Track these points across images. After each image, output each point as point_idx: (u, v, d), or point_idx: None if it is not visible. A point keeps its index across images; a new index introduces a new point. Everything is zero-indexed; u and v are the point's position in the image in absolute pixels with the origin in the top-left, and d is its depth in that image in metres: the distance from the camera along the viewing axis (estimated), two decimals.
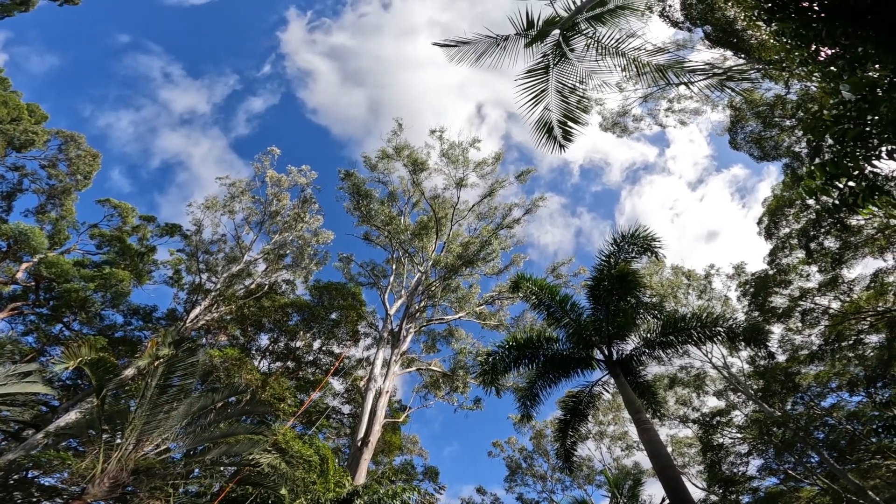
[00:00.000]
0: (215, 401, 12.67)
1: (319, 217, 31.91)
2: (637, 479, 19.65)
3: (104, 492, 10.24)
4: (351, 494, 14.07)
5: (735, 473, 24.45)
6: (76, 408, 18.49)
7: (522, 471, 36.32)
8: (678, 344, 12.14)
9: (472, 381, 27.85)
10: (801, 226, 19.77)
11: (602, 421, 34.94)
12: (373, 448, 19.71)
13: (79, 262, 25.85)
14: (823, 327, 21.26)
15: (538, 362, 12.36)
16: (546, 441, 35.56)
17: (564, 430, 13.08)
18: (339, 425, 29.14)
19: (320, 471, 14.52)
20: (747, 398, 25.40)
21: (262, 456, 12.76)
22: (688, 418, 29.34)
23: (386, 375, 22.84)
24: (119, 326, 27.33)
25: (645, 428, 10.03)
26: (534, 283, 12.63)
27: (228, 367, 20.19)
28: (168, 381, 11.40)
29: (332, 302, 27.59)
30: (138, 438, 10.84)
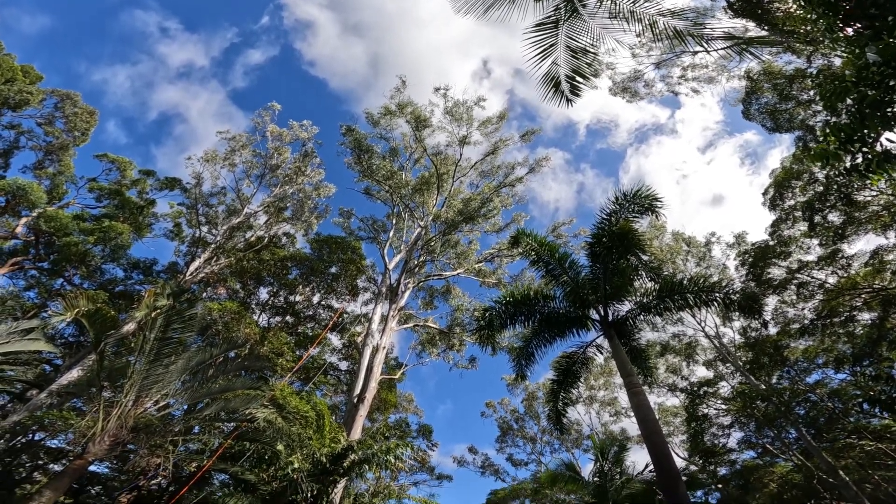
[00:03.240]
0: (214, 355, 12.70)
1: (321, 171, 31.90)
2: (622, 445, 20.03)
3: (104, 450, 10.36)
4: (345, 449, 14.38)
5: (716, 445, 25.26)
6: (78, 365, 18.73)
7: (513, 432, 37.33)
8: (674, 308, 12.12)
9: (468, 340, 28.37)
10: (807, 199, 19.64)
11: (593, 385, 35.81)
12: (368, 405, 20.10)
13: (78, 216, 25.82)
14: (817, 301, 21.41)
15: (534, 320, 12.36)
16: (537, 403, 36.52)
17: (557, 392, 13.22)
18: (337, 382, 29.76)
19: (316, 426, 14.81)
20: (735, 369, 25.90)
21: (259, 411, 13.02)
22: (676, 387, 30.02)
23: (383, 331, 23.11)
24: (119, 280, 27.59)
25: (635, 392, 10.15)
26: (534, 239, 12.55)
27: (227, 320, 20.40)
28: (166, 334, 11.34)
29: (332, 256, 27.81)
30: (138, 395, 10.89)
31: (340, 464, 14.19)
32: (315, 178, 31.62)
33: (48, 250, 24.89)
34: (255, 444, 14.29)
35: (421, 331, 29.70)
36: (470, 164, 30.89)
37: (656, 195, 11.59)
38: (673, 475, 8.76)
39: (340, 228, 31.80)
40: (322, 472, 14.03)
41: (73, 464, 10.16)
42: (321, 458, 14.25)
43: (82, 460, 10.11)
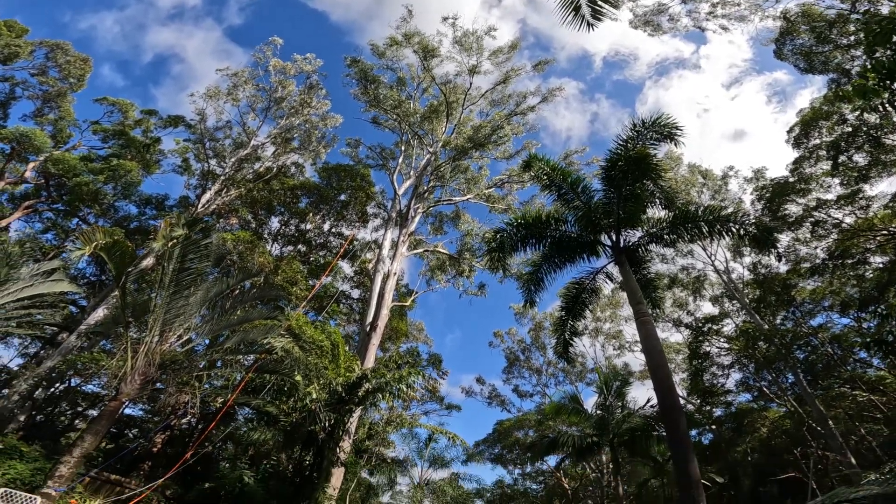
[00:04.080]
0: (230, 285, 12.86)
1: (327, 102, 31.31)
2: (625, 380, 20.51)
3: (136, 389, 10.73)
4: (360, 378, 14.86)
5: (714, 385, 25.89)
6: (103, 304, 19.26)
7: (520, 363, 38.25)
8: (686, 237, 12.00)
9: (477, 266, 28.91)
10: (833, 139, 19.36)
11: (599, 317, 36.24)
12: (381, 333, 20.74)
13: (85, 157, 26.05)
14: (831, 241, 21.23)
15: (545, 244, 12.24)
16: (544, 334, 37.19)
17: (564, 320, 13.32)
18: (349, 311, 30.75)
19: (331, 356, 15.25)
20: (741, 307, 26.10)
21: (276, 341, 13.40)
22: (681, 322, 30.51)
23: (394, 257, 23.52)
24: (133, 217, 28.33)
25: (643, 320, 10.16)
26: (546, 164, 12.27)
27: (241, 250, 20.78)
28: (184, 264, 11.44)
29: (341, 183, 28.09)
30: (161, 330, 11.16)
31: (355, 393, 14.73)
32: (321, 110, 31.08)
33: (60, 192, 25.26)
34: (275, 375, 14.73)
35: (430, 256, 30.22)
36: (480, 93, 30.06)
37: (676, 123, 11.25)
38: (676, 408, 8.92)
39: (349, 158, 31.85)
40: (338, 401, 14.62)
41: (108, 406, 10.71)
42: (337, 387, 14.76)
43: (116, 402, 10.59)
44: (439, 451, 25.73)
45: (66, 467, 9.95)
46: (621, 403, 19.41)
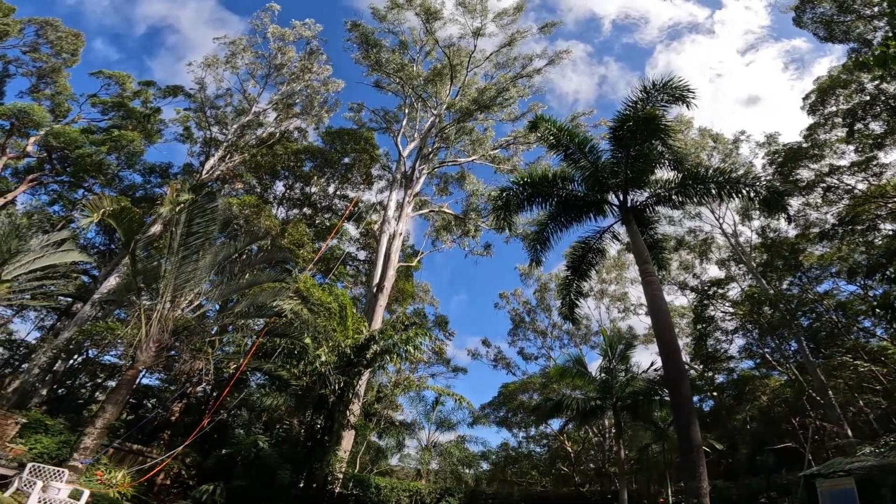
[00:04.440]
0: (238, 249, 12.93)
1: (328, 67, 30.93)
2: (629, 343, 20.50)
3: (151, 357, 10.91)
4: (368, 340, 15.14)
5: (718, 351, 26.05)
6: (114, 273, 19.51)
7: (525, 325, 38.10)
8: (695, 197, 11.88)
9: (483, 226, 29.04)
10: (850, 106, 19.33)
11: (605, 279, 36.14)
12: (388, 294, 20.94)
13: (86, 130, 26.11)
14: (842, 207, 21.10)
15: (551, 202, 12.14)
16: (549, 295, 37.06)
17: (570, 280, 13.27)
18: (356, 272, 31.07)
19: (339, 318, 15.40)
20: (748, 271, 26.06)
21: (285, 303, 13.52)
22: (686, 285, 30.53)
23: (399, 218, 23.61)
24: (138, 186, 28.60)
25: (649, 280, 10.12)
26: (553, 125, 12.06)
27: (247, 214, 20.94)
28: (192, 229, 11.50)
29: (345, 147, 28.14)
30: (173, 295, 11.24)
31: (363, 355, 15.01)
32: (322, 75, 30.67)
33: (63, 164, 25.36)
34: (285, 339, 14.92)
35: (436, 217, 30.30)
36: (484, 55, 29.50)
37: (688, 86, 11.02)
38: (680, 371, 8.98)
39: (352, 122, 31.54)
40: (347, 364, 14.89)
41: (126, 375, 10.99)
42: (346, 349, 14.98)
43: (133, 370, 10.82)
44: (446, 413, 26.27)
45: (90, 439, 10.32)
46: (625, 367, 19.46)
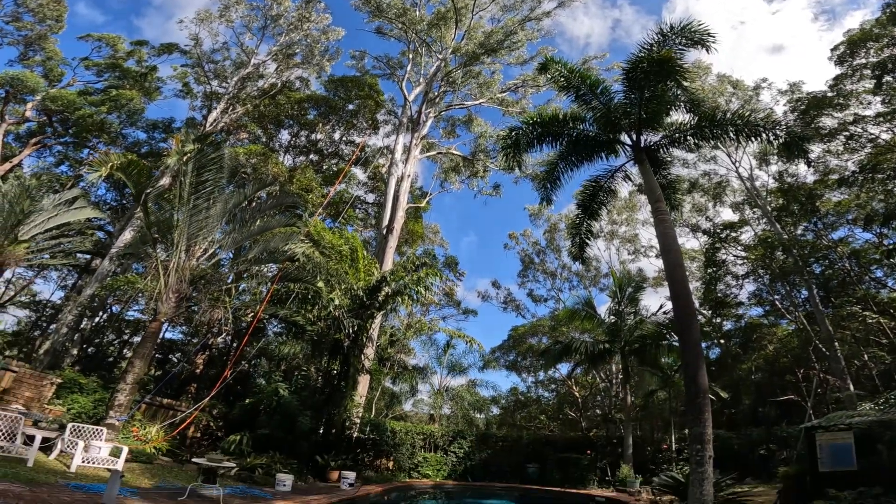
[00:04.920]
0: (247, 196, 13.05)
1: (327, 15, 29.84)
2: (639, 285, 20.43)
3: (172, 307, 11.27)
4: (379, 282, 15.45)
5: (727, 296, 26.07)
6: (129, 227, 19.77)
7: (534, 266, 38.11)
8: (712, 139, 11.61)
9: (492, 167, 28.89)
10: (880, 59, 19.07)
11: (615, 220, 35.72)
12: (397, 235, 21.20)
13: (83, 92, 25.93)
14: (864, 155, 20.58)
15: (562, 142, 11.93)
16: (559, 235, 36.87)
17: (581, 219, 13.16)
18: (365, 215, 31.29)
19: (350, 260, 15.64)
20: (763, 215, 25.65)
21: (297, 246, 13.77)
22: (699, 227, 30.24)
23: (407, 160, 23.57)
24: (143, 142, 28.51)
25: (662, 218, 10.05)
26: (563, 66, 11.64)
27: (255, 162, 20.93)
28: (200, 178, 11.62)
29: (349, 94, 27.73)
30: (187, 245, 11.50)
31: (376, 297, 15.36)
32: (322, 24, 29.68)
33: (65, 126, 25.30)
34: (298, 284, 15.29)
35: (443, 159, 30.17)
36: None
37: (708, 30, 10.51)
38: (689, 311, 9.00)
39: (354, 70, 30.88)
40: (360, 306, 15.27)
41: (149, 327, 11.41)
42: (358, 292, 15.30)
43: (156, 322, 11.22)
44: (457, 357, 26.94)
45: (123, 395, 10.92)
46: (634, 310, 19.53)
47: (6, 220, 12.74)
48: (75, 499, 6.05)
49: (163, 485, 8.70)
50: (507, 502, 15.19)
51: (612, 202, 20.97)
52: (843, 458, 8.12)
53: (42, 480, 6.78)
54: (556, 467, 17.94)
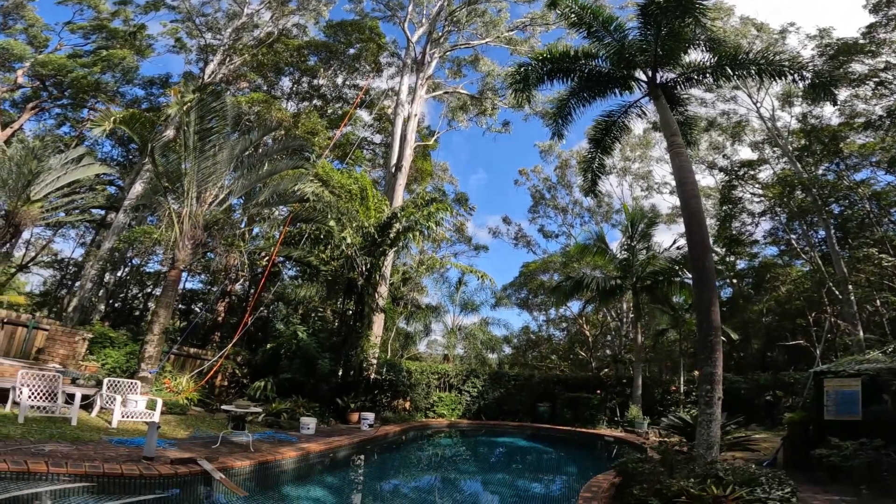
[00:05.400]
0: (253, 142, 12.99)
1: None
2: (652, 220, 20.01)
3: (189, 254, 11.59)
4: (390, 218, 15.57)
5: (742, 234, 25.55)
6: (139, 180, 19.86)
7: (545, 202, 37.71)
8: (733, 78, 11.15)
9: (500, 105, 28.24)
10: None
11: (629, 157, 34.96)
12: (406, 173, 21.22)
13: (73, 55, 25.56)
14: (893, 101, 19.81)
15: (573, 78, 11.50)
16: (570, 171, 36.31)
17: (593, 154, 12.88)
18: (373, 156, 31.06)
19: (361, 199, 15.70)
20: (783, 154, 24.87)
21: (307, 186, 13.85)
22: (715, 164, 29.44)
23: (413, 101, 23.19)
24: (142, 99, 28.24)
25: (678, 151, 9.79)
26: (574, 1, 11.00)
27: (258, 110, 20.75)
28: (203, 126, 11.64)
29: (349, 38, 26.95)
30: (198, 192, 11.65)
31: (387, 234, 15.56)
32: None
33: (60, 89, 25.08)
34: (310, 224, 15.67)
35: (450, 98, 29.52)
36: None
37: None
38: (704, 244, 8.85)
39: (353, 13, 29.45)
40: (372, 244, 15.53)
41: (169, 275, 11.74)
42: (369, 229, 15.47)
43: (175, 270, 11.56)
44: (469, 294, 27.41)
45: (152, 346, 11.44)
46: (646, 245, 19.28)
47: (16, 182, 13.16)
48: (119, 454, 6.49)
49: (197, 434, 9.26)
50: (519, 440, 15.89)
51: (626, 138, 20.32)
52: (848, 406, 8.10)
53: (87, 438, 7.23)
54: (567, 406, 18.39)
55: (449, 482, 9.57)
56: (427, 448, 14.00)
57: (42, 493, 4.81)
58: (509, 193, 72.12)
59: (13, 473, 4.88)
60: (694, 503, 4.89)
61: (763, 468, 5.94)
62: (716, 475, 5.66)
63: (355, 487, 8.51)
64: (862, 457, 6.75)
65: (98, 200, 20.79)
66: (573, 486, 8.92)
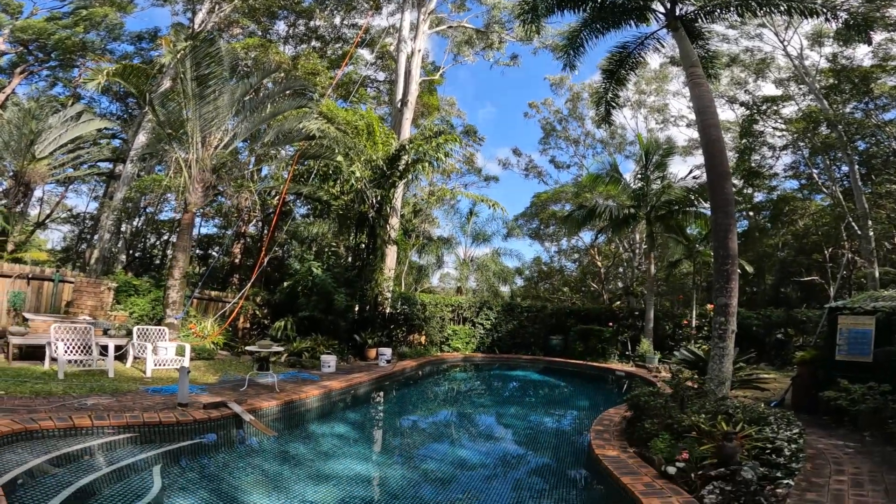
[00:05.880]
0: (253, 85, 12.76)
1: None
2: (668, 150, 19.25)
3: (200, 197, 11.69)
4: (398, 150, 15.39)
5: (762, 166, 24.67)
6: (142, 131, 19.66)
7: (556, 133, 36.71)
8: (759, 14, 10.44)
9: (508, 38, 27.16)
10: None
11: (644, 90, 33.59)
12: (412, 108, 20.82)
13: (51, 18, 24.38)
14: None
15: (585, 8, 10.91)
16: (582, 104, 35.16)
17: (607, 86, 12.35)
18: (377, 93, 30.26)
19: (368, 134, 15.50)
20: (809, 91, 23.65)
21: (311, 123, 13.65)
22: (736, 99, 28.14)
23: (415, 36, 22.18)
24: (132, 54, 27.42)
25: (697, 82, 9.27)
26: None
27: (255, 55, 20.18)
28: (200, 72, 11.39)
29: None
30: (202, 136, 11.60)
31: (396, 166, 15.49)
32: None
33: (45, 52, 24.51)
34: (318, 161, 15.62)
35: (455, 33, 28.34)
36: None
37: None
38: (723, 170, 8.52)
39: None
40: (381, 177, 15.50)
41: (183, 219, 11.96)
42: (378, 162, 15.39)
43: (188, 213, 11.71)
44: (481, 225, 27.39)
45: (175, 291, 11.82)
46: (661, 174, 18.76)
47: (18, 143, 13.29)
48: (156, 402, 6.86)
49: (225, 378, 9.70)
50: (532, 374, 16.36)
51: (641, 72, 19.23)
52: (860, 347, 7.91)
53: (125, 389, 7.61)
54: (579, 339, 18.66)
55: (465, 416, 10.04)
56: (443, 382, 14.50)
57: (91, 448, 5.12)
58: (518, 127, 69.59)
59: (60, 430, 5.21)
60: (704, 438, 5.04)
61: (771, 408, 6.06)
62: (726, 412, 5.85)
63: (376, 423, 8.99)
64: (869, 401, 6.71)
65: (104, 153, 21.07)
66: (585, 419, 9.29)
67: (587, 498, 5.54)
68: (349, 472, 5.61)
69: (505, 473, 6.23)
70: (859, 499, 4.39)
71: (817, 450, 6.15)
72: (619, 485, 4.85)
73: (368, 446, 7.33)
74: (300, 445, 6.63)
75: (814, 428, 7.31)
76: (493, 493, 5.43)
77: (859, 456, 5.86)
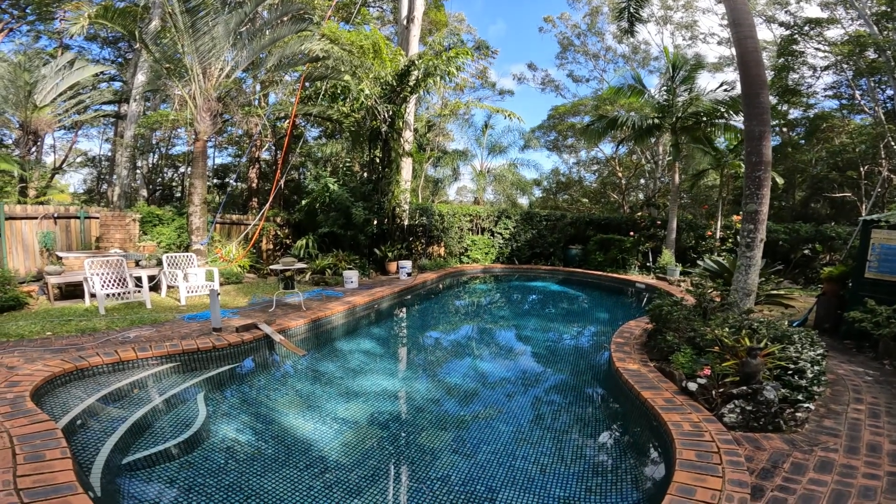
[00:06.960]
0: (248, 14, 12.21)
1: None
2: (697, 64, 17.57)
3: (209, 125, 11.64)
4: (407, 66, 14.80)
5: (800, 85, 22.63)
6: (140, 71, 19.23)
7: (574, 48, 34.73)
8: None
9: None
10: None
11: (670, 6, 31.54)
12: (419, 24, 19.62)
13: None
14: None
15: None
16: (601, 19, 33.19)
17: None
18: (381, 13, 28.44)
19: (374, 52, 14.82)
20: (858, 16, 21.10)
21: (314, 44, 13.18)
22: (775, 19, 25.36)
23: None
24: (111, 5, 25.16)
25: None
26: None
27: None
28: (189, 5, 10.94)
29: None
30: (202, 68, 11.39)
31: (406, 82, 15.00)
32: None
33: (19, 8, 23.31)
34: (325, 80, 15.18)
35: None
36: None
37: None
38: (760, 79, 7.90)
39: None
40: (391, 92, 15.07)
41: (195, 148, 11.86)
42: (387, 78, 14.90)
43: (200, 141, 11.70)
44: (496, 137, 26.33)
45: (196, 217, 12.02)
46: (689, 86, 17.46)
47: (17, 95, 13.55)
48: (192, 329, 7.21)
49: (255, 300, 10.09)
50: (552, 285, 16.40)
51: None
52: (891, 265, 7.59)
53: (163, 319, 7.95)
54: (599, 248, 18.45)
55: (486, 330, 10.31)
56: (464, 295, 14.73)
57: (138, 381, 5.44)
58: (533, 43, 63.91)
59: (108, 366, 5.55)
60: (727, 354, 5.04)
61: (793, 327, 6.02)
62: (750, 326, 5.82)
63: (400, 339, 9.30)
64: (894, 325, 6.57)
65: (106, 96, 20.95)
66: (605, 332, 9.46)
67: (607, 411, 5.76)
68: (377, 388, 5.94)
69: (525, 387, 6.48)
70: (876, 430, 4.41)
71: (837, 375, 6.14)
72: (639, 399, 5.00)
73: (393, 362, 7.64)
74: (329, 364, 6.95)
75: (834, 352, 7.25)
76: (514, 405, 5.72)
77: (878, 385, 5.82)
